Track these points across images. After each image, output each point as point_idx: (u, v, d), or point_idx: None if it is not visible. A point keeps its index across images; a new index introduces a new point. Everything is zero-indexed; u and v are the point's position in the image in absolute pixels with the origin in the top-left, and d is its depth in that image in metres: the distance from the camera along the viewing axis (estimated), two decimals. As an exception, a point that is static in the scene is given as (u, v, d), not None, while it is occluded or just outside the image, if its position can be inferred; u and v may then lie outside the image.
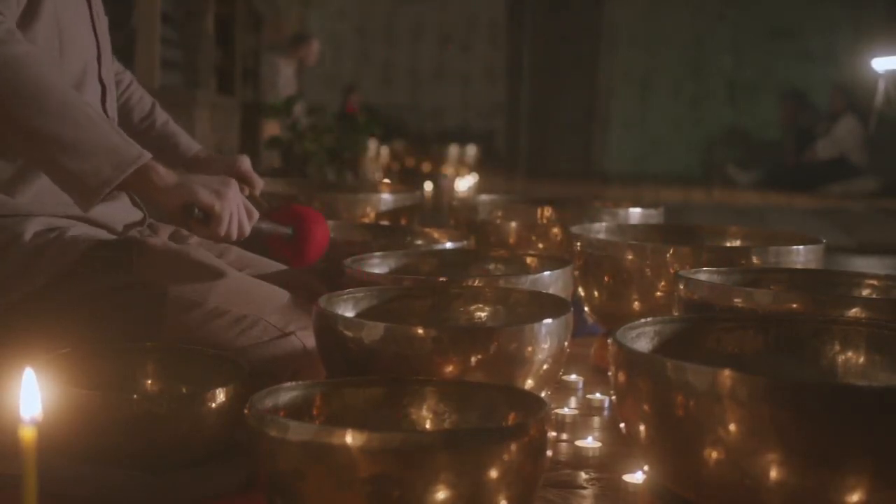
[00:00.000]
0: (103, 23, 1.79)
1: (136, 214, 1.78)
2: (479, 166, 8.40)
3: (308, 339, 1.57)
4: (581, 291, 2.01)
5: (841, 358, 1.33)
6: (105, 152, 1.48)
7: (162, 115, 2.03)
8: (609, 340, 1.20)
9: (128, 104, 2.00)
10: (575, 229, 2.06)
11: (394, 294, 1.57)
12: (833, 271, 1.75)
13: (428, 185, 7.12)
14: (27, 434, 0.74)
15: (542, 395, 1.38)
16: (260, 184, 2.01)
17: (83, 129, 1.48)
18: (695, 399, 1.06)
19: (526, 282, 1.66)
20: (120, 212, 1.74)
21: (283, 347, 1.61)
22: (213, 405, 1.31)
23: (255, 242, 1.77)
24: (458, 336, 1.35)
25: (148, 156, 1.52)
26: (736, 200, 8.07)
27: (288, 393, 1.16)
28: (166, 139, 2.01)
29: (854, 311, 1.45)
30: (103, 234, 1.67)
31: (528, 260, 1.87)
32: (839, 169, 9.06)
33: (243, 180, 1.95)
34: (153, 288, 1.59)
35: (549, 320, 1.38)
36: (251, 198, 1.95)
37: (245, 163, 1.97)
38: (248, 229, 1.61)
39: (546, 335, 1.38)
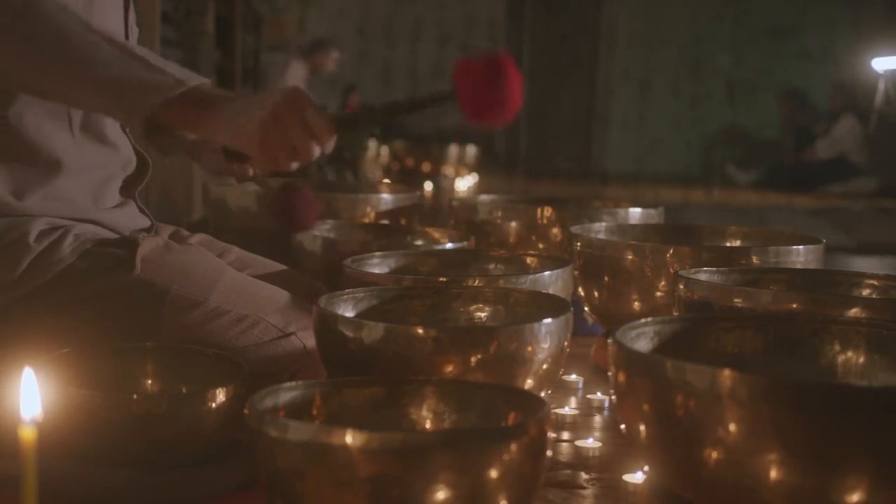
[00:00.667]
0: (134, 35, 1.79)
1: (144, 221, 1.79)
2: (479, 166, 8.39)
3: (309, 339, 1.57)
4: (581, 291, 2.01)
5: (840, 358, 1.33)
6: (132, 89, 1.44)
7: None
8: (609, 340, 1.20)
9: None
10: (575, 229, 2.06)
11: (394, 294, 1.57)
12: (832, 271, 1.75)
13: (428, 185, 7.12)
14: (27, 434, 0.74)
15: (542, 394, 1.38)
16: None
17: (107, 66, 1.45)
18: (695, 399, 1.06)
19: (526, 282, 1.66)
20: (128, 218, 1.74)
21: (283, 348, 1.61)
22: (213, 405, 1.31)
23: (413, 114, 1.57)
24: (458, 336, 1.35)
25: (183, 86, 1.44)
26: (735, 200, 8.07)
27: (288, 393, 1.16)
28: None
29: (854, 311, 1.45)
30: (108, 234, 1.67)
31: (528, 260, 1.87)
32: (839, 169, 9.05)
33: None
34: (154, 287, 1.59)
35: (548, 320, 1.38)
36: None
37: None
38: (315, 152, 1.47)
39: (546, 335, 1.38)
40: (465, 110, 1.46)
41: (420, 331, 1.33)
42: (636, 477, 1.38)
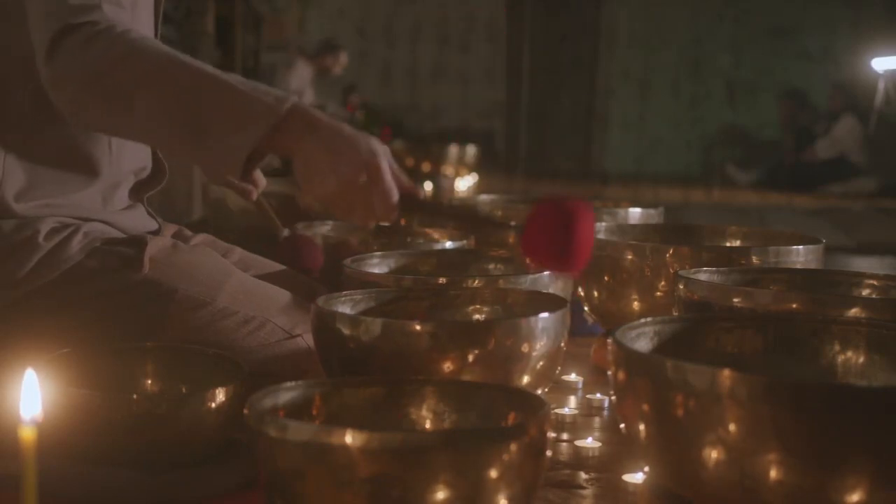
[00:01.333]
0: (158, 35, 1.79)
1: (152, 224, 1.79)
2: (479, 166, 8.39)
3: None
4: (581, 291, 2.01)
5: (840, 358, 1.33)
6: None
7: None
8: (609, 340, 1.20)
9: None
10: (575, 229, 2.05)
11: (393, 294, 1.57)
12: (832, 271, 1.75)
13: (428, 185, 7.12)
14: (27, 434, 0.74)
15: (541, 394, 1.38)
16: (263, 183, 1.99)
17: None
18: (694, 399, 1.06)
19: (525, 282, 1.66)
20: (136, 221, 1.74)
21: (289, 349, 1.61)
22: (213, 405, 1.31)
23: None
24: (455, 331, 1.35)
25: (278, 114, 1.40)
26: (735, 200, 8.08)
27: (287, 393, 1.16)
28: None
29: (854, 311, 1.45)
30: (116, 233, 1.67)
31: (528, 260, 1.87)
32: (839, 169, 9.06)
33: None
34: (161, 287, 1.59)
35: (544, 314, 1.38)
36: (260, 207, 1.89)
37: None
38: (391, 214, 1.46)
39: (542, 330, 1.38)
40: (527, 252, 1.46)
41: (417, 327, 1.34)
42: (636, 477, 1.38)
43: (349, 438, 0.99)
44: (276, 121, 1.40)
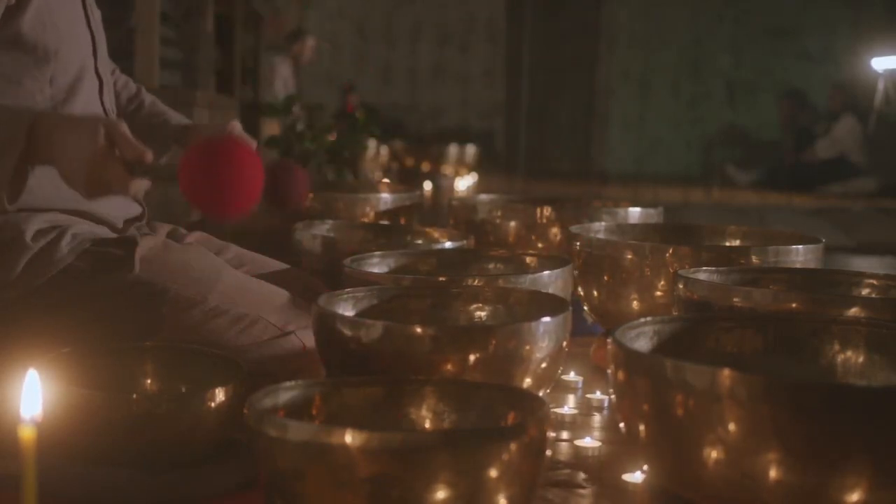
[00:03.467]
0: (97, 16, 1.78)
1: (136, 209, 1.79)
2: (479, 166, 8.39)
3: (308, 338, 1.57)
4: (580, 291, 2.01)
5: (840, 358, 1.33)
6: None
7: (148, 96, 2.02)
8: (608, 340, 1.20)
9: (114, 88, 1.99)
10: (574, 229, 2.06)
11: (393, 293, 1.57)
12: (832, 271, 1.75)
13: (427, 185, 7.12)
14: (27, 434, 0.74)
15: (541, 394, 1.38)
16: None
17: None
18: (694, 399, 1.06)
19: (525, 281, 1.66)
20: (119, 206, 1.74)
21: (282, 347, 1.61)
22: (213, 405, 1.31)
23: None
24: (457, 335, 1.35)
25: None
26: (735, 200, 8.07)
27: (287, 392, 1.17)
28: (156, 116, 1.98)
29: (853, 311, 1.45)
30: (105, 232, 1.67)
31: (528, 259, 1.87)
32: (838, 169, 9.05)
33: None
34: (153, 286, 1.59)
35: (546, 319, 1.38)
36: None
37: (236, 127, 1.84)
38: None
39: (544, 334, 1.38)
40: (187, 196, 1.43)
41: (418, 330, 1.33)
42: (636, 477, 1.38)
43: (349, 438, 0.99)
44: (22, 147, 1.41)
